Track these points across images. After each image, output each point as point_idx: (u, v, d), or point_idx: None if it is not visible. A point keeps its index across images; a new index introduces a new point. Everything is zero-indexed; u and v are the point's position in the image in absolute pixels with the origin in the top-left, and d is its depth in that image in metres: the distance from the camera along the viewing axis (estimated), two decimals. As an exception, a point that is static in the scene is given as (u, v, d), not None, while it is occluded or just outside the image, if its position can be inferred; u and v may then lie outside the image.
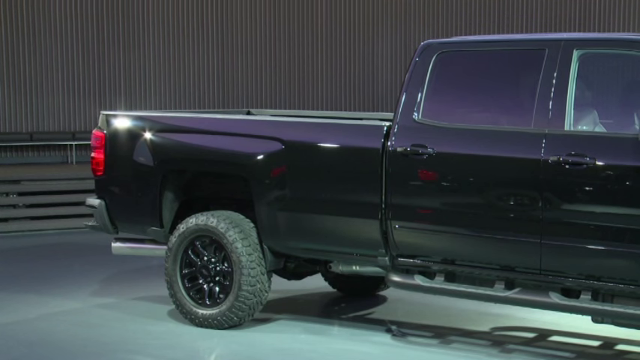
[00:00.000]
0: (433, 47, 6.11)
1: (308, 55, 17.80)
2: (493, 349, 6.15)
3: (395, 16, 18.17)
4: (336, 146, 6.27)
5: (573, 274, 5.45)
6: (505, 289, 5.70)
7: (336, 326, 6.86)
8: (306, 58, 17.79)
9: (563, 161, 5.38)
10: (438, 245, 5.94)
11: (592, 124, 5.54)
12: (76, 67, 15.90)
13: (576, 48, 5.53)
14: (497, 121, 5.80)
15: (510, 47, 5.97)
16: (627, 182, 5.23)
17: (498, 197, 5.66)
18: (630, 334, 5.90)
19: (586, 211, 5.37)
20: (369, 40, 18.12)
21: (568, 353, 6.06)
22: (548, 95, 5.51)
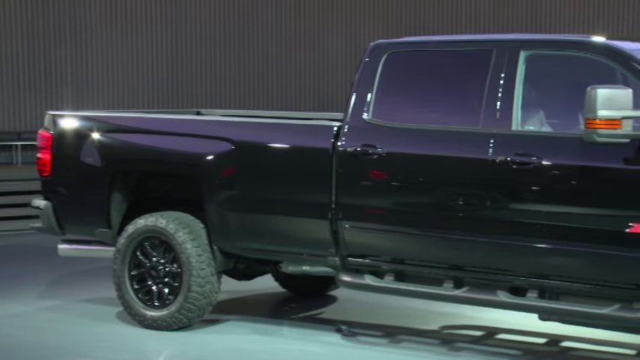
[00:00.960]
0: (383, 47, 6.14)
1: (259, 55, 17.76)
2: (442, 348, 6.20)
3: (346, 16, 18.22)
4: (286, 146, 6.27)
5: (521, 273, 5.52)
6: (454, 287, 5.75)
7: (286, 326, 6.85)
8: (256, 58, 17.75)
9: (511, 161, 5.44)
10: (388, 245, 5.97)
11: (539, 124, 5.61)
12: (22, 65, 15.64)
13: (523, 49, 5.60)
14: (446, 121, 5.85)
15: (459, 48, 6.02)
16: (572, 181, 5.31)
17: (447, 197, 5.70)
18: (576, 331, 5.99)
19: (533, 210, 5.44)
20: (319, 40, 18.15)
21: (515, 351, 6.13)
22: (496, 95, 5.57)
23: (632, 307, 5.16)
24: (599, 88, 4.93)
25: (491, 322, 6.77)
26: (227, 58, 17.50)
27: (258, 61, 17.75)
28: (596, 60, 5.37)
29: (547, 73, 5.73)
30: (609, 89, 4.94)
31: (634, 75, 5.23)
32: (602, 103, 4.90)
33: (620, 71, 5.32)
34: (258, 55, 17.74)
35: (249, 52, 17.67)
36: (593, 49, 5.41)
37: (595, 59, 5.38)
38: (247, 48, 17.64)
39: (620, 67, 5.31)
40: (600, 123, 4.92)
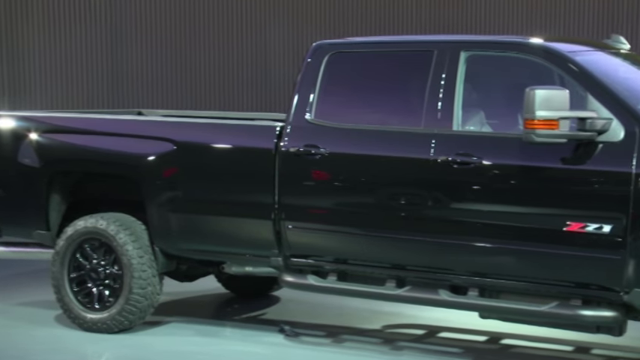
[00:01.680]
0: (325, 48, 6.15)
1: (200, 54, 17.64)
2: (384, 347, 6.23)
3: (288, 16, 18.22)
4: (229, 147, 6.24)
5: (462, 272, 5.58)
6: (396, 287, 5.78)
7: (228, 327, 6.82)
8: (198, 57, 17.63)
9: (452, 161, 5.50)
10: (331, 245, 5.98)
11: (479, 125, 5.68)
12: (-43, 64, 15.31)
13: (463, 50, 5.66)
14: (388, 122, 5.88)
15: (400, 49, 6.07)
16: (512, 181, 5.39)
17: (389, 197, 5.74)
18: (515, 328, 6.07)
19: (474, 210, 5.50)
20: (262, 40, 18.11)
21: (456, 349, 6.20)
22: (437, 96, 5.63)
23: (570, 304, 5.25)
24: (538, 89, 5.00)
25: (433, 320, 6.83)
26: (167, 58, 17.34)
27: (199, 62, 17.63)
28: (534, 61, 5.46)
29: (487, 74, 5.80)
30: (547, 90, 5.02)
31: (571, 76, 5.33)
32: (540, 103, 4.98)
33: (557, 72, 5.42)
34: (199, 56, 17.62)
35: (189, 52, 17.54)
36: (531, 51, 5.49)
37: (533, 60, 5.47)
38: (187, 48, 17.51)
39: (557, 69, 5.40)
40: (538, 123, 5.00)
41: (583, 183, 5.15)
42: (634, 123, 5.07)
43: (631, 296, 5.03)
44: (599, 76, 5.29)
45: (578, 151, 5.15)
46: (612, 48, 6.13)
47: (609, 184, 5.06)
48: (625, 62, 6.03)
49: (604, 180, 5.08)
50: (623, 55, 6.09)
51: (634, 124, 5.06)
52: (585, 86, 5.25)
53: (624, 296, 5.05)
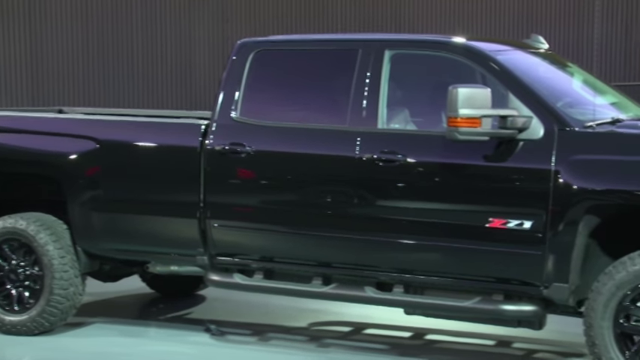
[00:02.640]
0: (250, 46, 6.14)
1: (123, 51, 17.40)
2: (310, 345, 6.25)
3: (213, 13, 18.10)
4: (153, 145, 6.18)
5: (387, 269, 5.62)
6: (322, 284, 5.80)
7: (153, 328, 6.75)
8: (121, 54, 17.38)
9: (377, 159, 5.54)
10: (257, 243, 5.97)
11: (404, 123, 5.74)
12: None
13: (388, 48, 5.71)
14: (314, 120, 5.90)
15: (325, 47, 6.09)
16: (436, 178, 5.45)
17: (315, 195, 5.75)
18: (439, 324, 6.15)
19: (399, 207, 5.56)
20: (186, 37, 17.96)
21: (381, 345, 6.25)
22: (362, 94, 5.66)
23: (492, 299, 5.35)
24: (460, 88, 5.07)
25: (359, 317, 6.87)
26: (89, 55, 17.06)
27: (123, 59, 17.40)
28: (456, 60, 5.54)
29: (411, 73, 5.86)
30: (469, 88, 5.10)
31: (492, 75, 5.42)
32: (462, 102, 5.05)
33: (479, 71, 5.51)
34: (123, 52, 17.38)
35: (112, 49, 17.29)
36: (453, 50, 5.57)
37: (456, 59, 5.54)
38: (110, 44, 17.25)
39: (478, 67, 5.49)
40: (461, 121, 5.07)
41: (504, 180, 5.25)
42: (553, 121, 5.18)
43: (550, 291, 5.14)
44: (519, 75, 5.39)
45: (499, 148, 5.24)
46: (532, 47, 6.26)
47: (530, 180, 5.17)
48: (544, 61, 6.17)
49: (525, 177, 5.19)
50: (542, 55, 6.23)
51: (553, 122, 5.18)
52: (506, 85, 5.34)
53: (544, 291, 5.16)
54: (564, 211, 5.02)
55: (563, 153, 5.07)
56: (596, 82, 6.17)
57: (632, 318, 4.94)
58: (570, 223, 5.01)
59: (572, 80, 6.17)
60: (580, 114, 5.35)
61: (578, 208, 5.00)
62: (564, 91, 5.83)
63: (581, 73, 6.27)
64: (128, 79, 17.54)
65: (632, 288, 4.89)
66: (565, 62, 6.46)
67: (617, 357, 4.94)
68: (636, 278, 4.87)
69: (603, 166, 5.01)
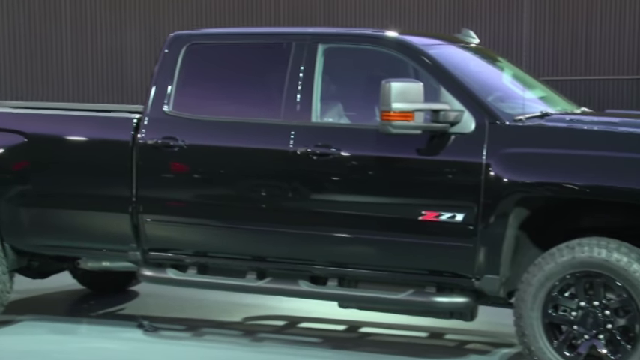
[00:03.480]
0: (182, 39, 6.08)
1: (52, 44, 17.08)
2: (244, 339, 6.24)
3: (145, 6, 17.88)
4: (84, 139, 6.10)
5: (321, 262, 5.64)
6: (257, 278, 5.79)
7: (84, 324, 6.65)
8: (50, 47, 17.06)
9: (311, 152, 5.54)
10: (191, 238, 5.93)
11: (337, 117, 5.76)
12: None
13: (321, 42, 5.71)
14: (247, 114, 5.87)
15: (259, 40, 6.07)
16: (370, 172, 5.49)
17: (249, 189, 5.74)
18: (373, 316, 6.20)
19: (333, 201, 5.58)
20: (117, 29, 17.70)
21: (316, 338, 6.27)
22: (296, 88, 5.66)
23: (425, 291, 5.40)
24: (393, 82, 5.11)
25: (294, 311, 6.88)
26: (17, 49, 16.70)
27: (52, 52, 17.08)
28: (389, 54, 5.58)
29: (345, 67, 5.88)
30: (402, 82, 5.14)
31: (424, 69, 5.47)
32: (395, 96, 5.09)
33: (411, 65, 5.55)
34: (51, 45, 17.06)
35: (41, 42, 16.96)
36: (386, 44, 5.61)
37: (388, 53, 5.58)
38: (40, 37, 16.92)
39: (411, 61, 5.54)
40: (394, 115, 5.11)
41: (437, 173, 5.31)
42: (484, 115, 5.25)
43: (482, 282, 5.22)
44: (451, 69, 5.45)
45: (432, 142, 5.30)
46: (463, 42, 6.33)
47: (462, 174, 5.23)
48: (475, 56, 6.25)
49: (457, 170, 5.25)
50: (474, 49, 6.32)
51: (484, 116, 5.25)
52: (438, 79, 5.40)
53: (476, 282, 5.23)
54: (495, 204, 5.10)
55: (494, 146, 5.15)
56: (525, 77, 6.28)
57: (559, 308, 5.05)
58: (501, 215, 5.10)
59: (503, 75, 6.27)
60: (510, 108, 5.44)
61: (508, 200, 5.08)
62: (495, 86, 5.92)
63: (511, 67, 6.37)
64: (57, 74, 17.22)
65: (560, 279, 5.00)
66: (495, 57, 6.55)
67: (545, 346, 5.04)
68: (564, 269, 4.97)
69: (533, 159, 5.10)
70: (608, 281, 4.91)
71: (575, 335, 5.01)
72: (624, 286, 4.85)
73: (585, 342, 4.98)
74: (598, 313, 4.95)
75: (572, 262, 4.95)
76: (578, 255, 4.94)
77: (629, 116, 6.08)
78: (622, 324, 4.91)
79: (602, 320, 4.94)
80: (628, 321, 4.89)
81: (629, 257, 4.84)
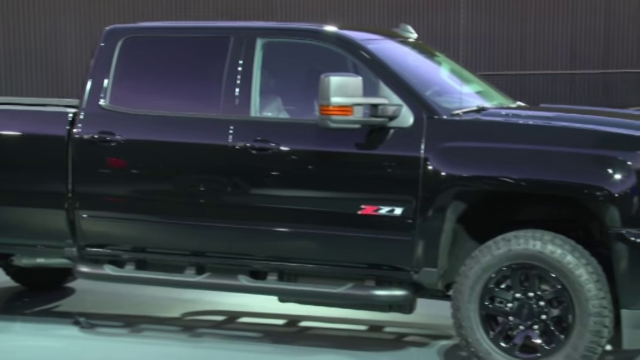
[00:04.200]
0: (118, 32, 6.01)
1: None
2: (183, 334, 6.20)
3: (79, 0, 17.60)
4: (18, 134, 5.98)
5: (260, 257, 5.63)
6: (196, 274, 5.76)
7: (19, 322, 6.53)
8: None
9: (250, 147, 5.53)
10: (128, 233, 5.87)
11: (276, 111, 5.75)
12: None
13: (260, 36, 5.70)
14: (185, 108, 5.83)
15: (196, 34, 6.03)
16: (309, 166, 5.49)
17: (188, 184, 5.70)
18: (313, 310, 6.21)
19: (272, 195, 5.57)
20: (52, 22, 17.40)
21: (255, 333, 6.26)
22: (235, 82, 5.63)
23: (364, 285, 5.43)
24: (332, 76, 5.12)
25: (233, 306, 6.86)
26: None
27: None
28: (328, 48, 5.59)
29: (284, 61, 5.88)
30: (341, 77, 5.15)
31: (363, 63, 5.49)
32: (334, 90, 5.10)
33: (350, 60, 5.57)
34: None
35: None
36: (324, 38, 5.61)
37: (327, 47, 5.59)
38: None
39: (350, 56, 5.56)
40: (333, 109, 5.12)
41: (376, 167, 5.34)
42: (422, 109, 5.30)
43: (420, 275, 5.27)
44: (389, 64, 5.48)
45: (371, 136, 5.32)
46: (401, 37, 6.38)
47: (400, 168, 5.27)
48: (413, 50, 6.30)
49: (395, 164, 5.29)
50: (412, 44, 6.36)
51: (422, 110, 5.29)
52: (377, 73, 5.42)
53: (414, 275, 5.28)
54: (433, 198, 5.15)
55: (432, 140, 5.20)
56: (462, 72, 6.36)
57: (496, 300, 5.12)
58: (439, 209, 5.15)
59: (440, 69, 6.34)
60: (447, 102, 5.50)
61: (446, 194, 5.13)
62: (433, 80, 5.98)
63: (449, 62, 6.44)
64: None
65: (497, 271, 5.07)
66: (433, 51, 6.61)
67: (482, 337, 5.11)
68: (501, 261, 5.05)
69: (470, 153, 5.16)
70: (542, 273, 5.00)
71: (510, 326, 5.09)
72: (558, 278, 4.94)
73: (520, 333, 5.07)
74: (533, 304, 5.03)
75: (508, 255, 5.03)
76: (514, 247, 5.02)
77: (562, 110, 6.20)
78: (556, 314, 5.00)
79: (536, 311, 5.03)
80: (562, 311, 4.98)
81: (563, 249, 4.93)
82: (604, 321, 4.87)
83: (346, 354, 5.74)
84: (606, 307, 4.87)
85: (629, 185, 4.81)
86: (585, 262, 4.90)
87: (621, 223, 4.81)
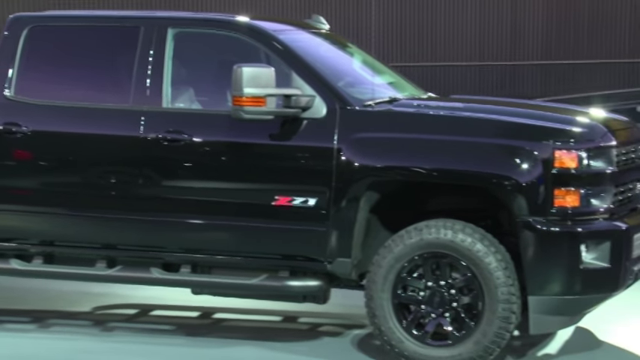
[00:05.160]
0: (23, 21, 5.86)
1: None
2: (94, 329, 6.09)
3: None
4: None
5: (173, 249, 5.58)
6: (107, 267, 5.67)
7: None
8: None
9: (162, 138, 5.46)
10: (37, 227, 5.75)
11: (189, 102, 5.69)
12: None
13: (171, 26, 5.63)
14: (95, 99, 5.73)
15: (105, 23, 5.92)
16: (222, 157, 5.46)
17: (98, 176, 5.61)
18: (227, 302, 6.18)
19: (185, 187, 5.52)
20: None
21: (169, 326, 6.20)
22: (145, 73, 5.56)
23: (279, 276, 5.44)
24: (245, 67, 5.09)
25: (146, 299, 6.78)
26: None
27: None
28: (240, 39, 5.56)
29: (196, 52, 5.82)
30: (254, 68, 5.13)
31: (275, 54, 5.48)
32: (247, 81, 5.07)
33: (263, 50, 5.56)
34: None
35: None
36: (237, 29, 5.58)
37: (240, 38, 5.56)
38: None
39: (262, 47, 5.54)
40: (246, 100, 5.10)
41: (289, 158, 5.34)
42: (335, 100, 5.32)
43: (334, 265, 5.30)
44: (302, 55, 5.49)
45: (284, 127, 5.32)
46: (313, 28, 6.39)
47: (314, 159, 5.29)
48: (325, 41, 6.32)
49: (309, 155, 5.30)
50: (324, 35, 6.38)
51: (335, 101, 5.31)
52: (289, 64, 5.42)
53: (328, 266, 5.30)
54: (347, 188, 5.18)
55: (345, 131, 5.23)
56: (374, 63, 6.41)
57: (408, 289, 5.19)
58: (352, 199, 5.18)
59: (352, 60, 6.37)
60: (360, 93, 5.53)
61: (359, 184, 5.17)
62: (345, 71, 6.01)
63: (361, 53, 6.48)
64: None
65: (409, 260, 5.14)
66: (345, 43, 6.65)
67: (395, 326, 5.17)
68: (413, 250, 5.11)
69: (382, 143, 5.21)
70: (453, 261, 5.08)
71: (423, 314, 5.16)
72: (468, 266, 5.04)
73: (432, 321, 5.15)
74: (444, 292, 5.12)
75: (420, 244, 5.10)
76: (425, 237, 5.09)
77: (472, 101, 6.31)
78: (466, 302, 5.09)
79: (448, 299, 5.11)
80: (472, 299, 5.08)
81: (473, 238, 5.03)
82: (512, 307, 4.99)
83: (261, 345, 5.74)
84: (514, 294, 4.99)
85: (535, 175, 4.93)
86: (494, 251, 5.01)
87: (528, 212, 4.93)
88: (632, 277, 5.17)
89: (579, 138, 5.01)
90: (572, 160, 4.91)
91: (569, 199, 4.91)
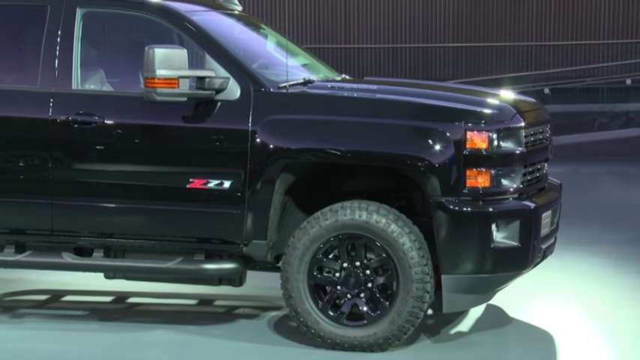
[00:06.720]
0: None
1: None
2: (3, 316, 5.95)
3: None
4: None
5: (85, 233, 5.49)
6: (15, 252, 5.54)
7: None
8: None
9: (72, 120, 5.36)
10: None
11: (100, 84, 5.59)
12: None
13: (80, 6, 5.51)
14: (1, 80, 5.57)
15: (11, 2, 5.74)
16: (136, 140, 5.39)
17: (6, 159, 5.47)
18: (142, 286, 6.12)
19: (97, 170, 5.43)
20: None
21: (81, 311, 6.10)
22: (54, 54, 5.43)
23: (194, 259, 5.40)
24: (157, 48, 5.02)
25: (57, 284, 6.66)
26: None
27: None
28: (153, 20, 5.47)
29: (107, 32, 5.71)
30: (166, 49, 5.06)
31: (188, 35, 5.42)
32: (159, 62, 5.01)
33: (175, 31, 5.49)
34: None
35: None
36: (148, 9, 5.49)
37: (152, 19, 5.47)
38: None
39: (175, 28, 5.47)
40: (158, 82, 5.03)
41: (203, 141, 5.30)
42: (249, 82, 5.29)
43: (250, 248, 5.29)
44: (215, 36, 5.44)
45: (198, 109, 5.27)
46: (226, 9, 6.33)
47: (228, 141, 5.26)
48: (239, 23, 6.28)
49: (223, 137, 5.27)
50: (237, 17, 6.33)
51: (249, 83, 5.29)
52: (202, 46, 5.37)
53: (244, 248, 5.30)
54: (262, 170, 5.17)
55: (260, 113, 5.21)
56: (288, 45, 6.39)
57: (324, 270, 5.22)
58: (267, 181, 5.18)
59: (266, 42, 6.35)
60: (274, 75, 5.51)
61: (274, 167, 5.17)
62: (259, 53, 5.98)
63: (274, 35, 6.46)
64: None
65: (325, 241, 5.17)
66: (259, 24, 6.61)
67: (311, 307, 5.20)
68: (328, 232, 5.14)
69: (297, 125, 5.21)
70: (368, 242, 5.14)
71: (338, 295, 5.21)
72: (383, 246, 5.09)
73: (348, 301, 5.19)
74: (359, 273, 5.17)
75: (335, 225, 5.13)
76: (341, 218, 5.12)
77: (386, 83, 6.36)
78: (381, 282, 5.16)
79: (363, 280, 5.17)
80: (386, 279, 5.15)
81: (388, 219, 5.09)
82: (426, 287, 5.07)
83: (176, 329, 5.70)
84: (428, 274, 5.07)
85: (447, 156, 5.01)
86: (408, 231, 5.08)
87: (441, 192, 5.01)
88: (540, 255, 5.31)
89: (490, 119, 5.11)
90: (482, 140, 5.01)
91: (480, 179, 5.01)
